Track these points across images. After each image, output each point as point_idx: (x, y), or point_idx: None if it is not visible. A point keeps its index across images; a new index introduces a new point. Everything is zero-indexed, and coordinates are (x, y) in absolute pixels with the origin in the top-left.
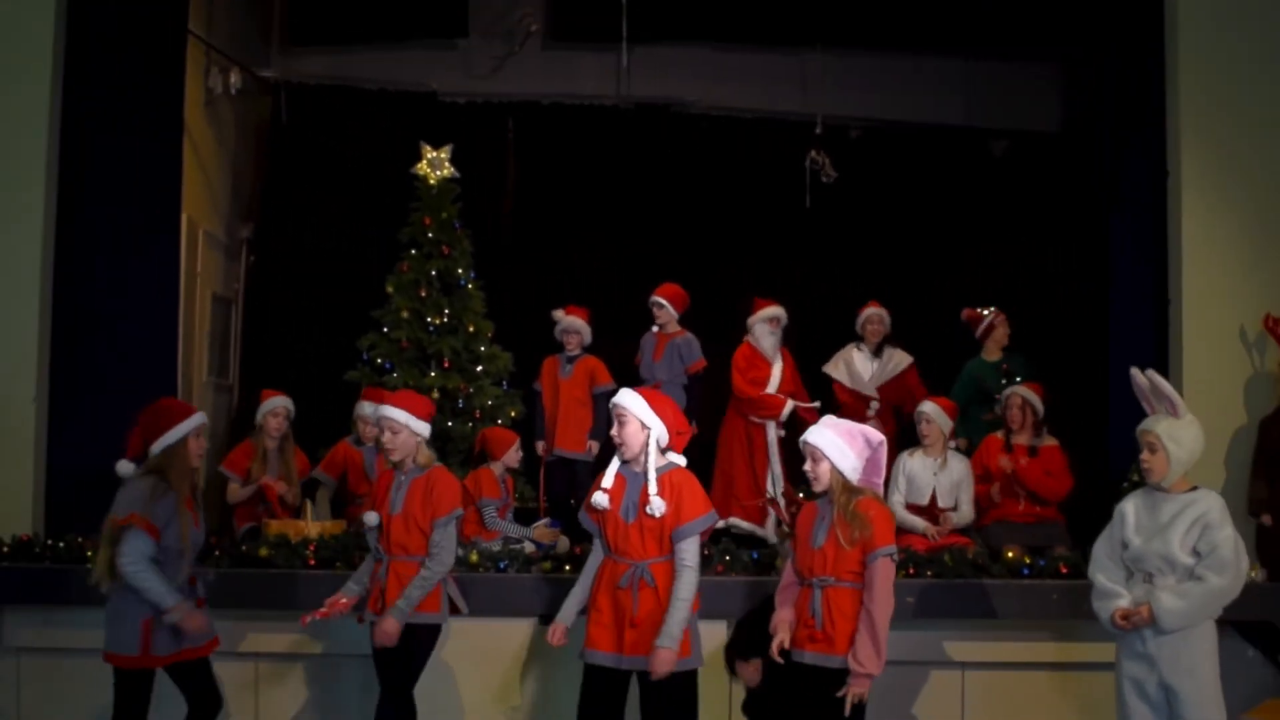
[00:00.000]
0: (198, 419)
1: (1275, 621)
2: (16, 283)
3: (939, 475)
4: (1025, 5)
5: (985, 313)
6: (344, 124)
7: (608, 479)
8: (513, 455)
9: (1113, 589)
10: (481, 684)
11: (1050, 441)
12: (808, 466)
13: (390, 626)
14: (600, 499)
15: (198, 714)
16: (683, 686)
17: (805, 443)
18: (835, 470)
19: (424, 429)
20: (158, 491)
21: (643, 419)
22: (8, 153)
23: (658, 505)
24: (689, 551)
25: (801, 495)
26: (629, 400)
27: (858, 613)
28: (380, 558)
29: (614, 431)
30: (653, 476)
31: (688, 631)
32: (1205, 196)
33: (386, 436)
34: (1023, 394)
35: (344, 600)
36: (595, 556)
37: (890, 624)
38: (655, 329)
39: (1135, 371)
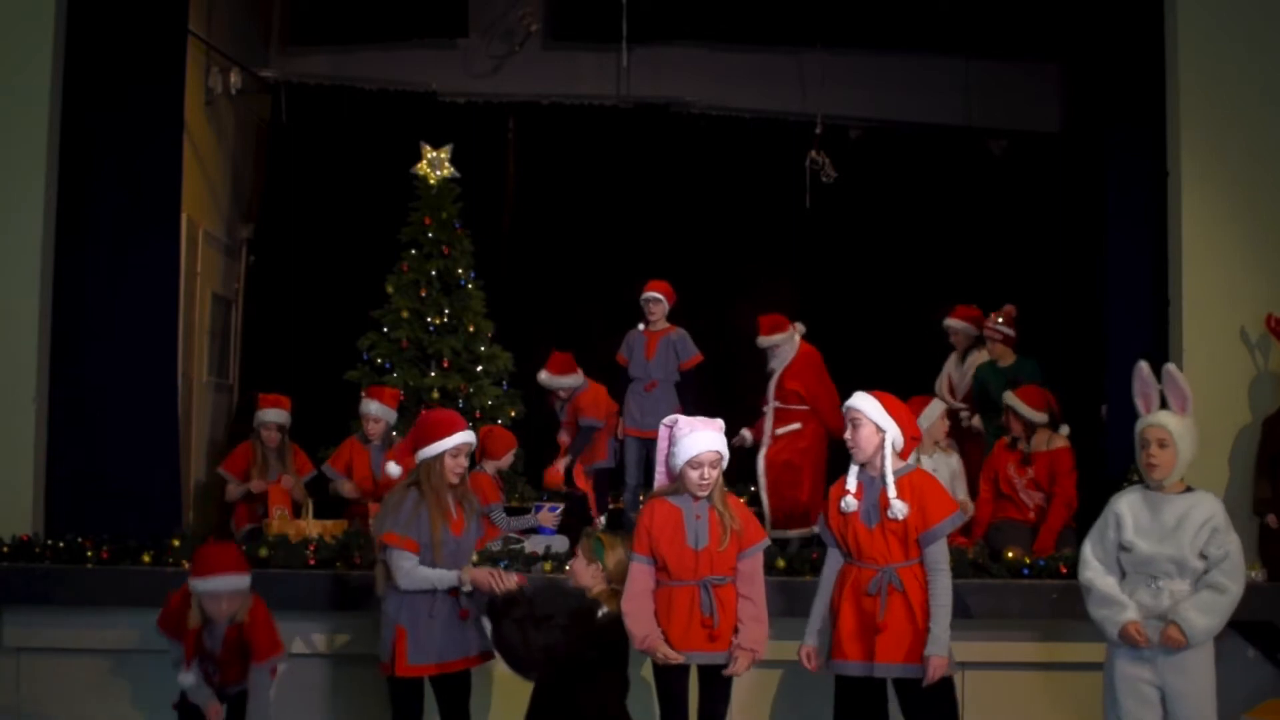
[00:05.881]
0: (458, 439)
1: (1276, 622)
2: (17, 282)
3: None
4: (1024, 6)
5: (991, 318)
6: (344, 124)
7: (850, 483)
8: (508, 459)
9: (1118, 598)
10: (483, 680)
11: (1057, 444)
12: (709, 473)
13: None
14: (850, 502)
15: None
16: (946, 694)
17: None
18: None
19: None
20: (406, 498)
21: (878, 422)
22: (8, 152)
23: (899, 508)
24: (940, 554)
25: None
26: (864, 403)
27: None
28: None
29: (848, 435)
30: (891, 479)
31: None
32: (1205, 197)
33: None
34: (1008, 401)
35: None
36: (830, 570)
37: None
38: (643, 326)
39: (1144, 364)
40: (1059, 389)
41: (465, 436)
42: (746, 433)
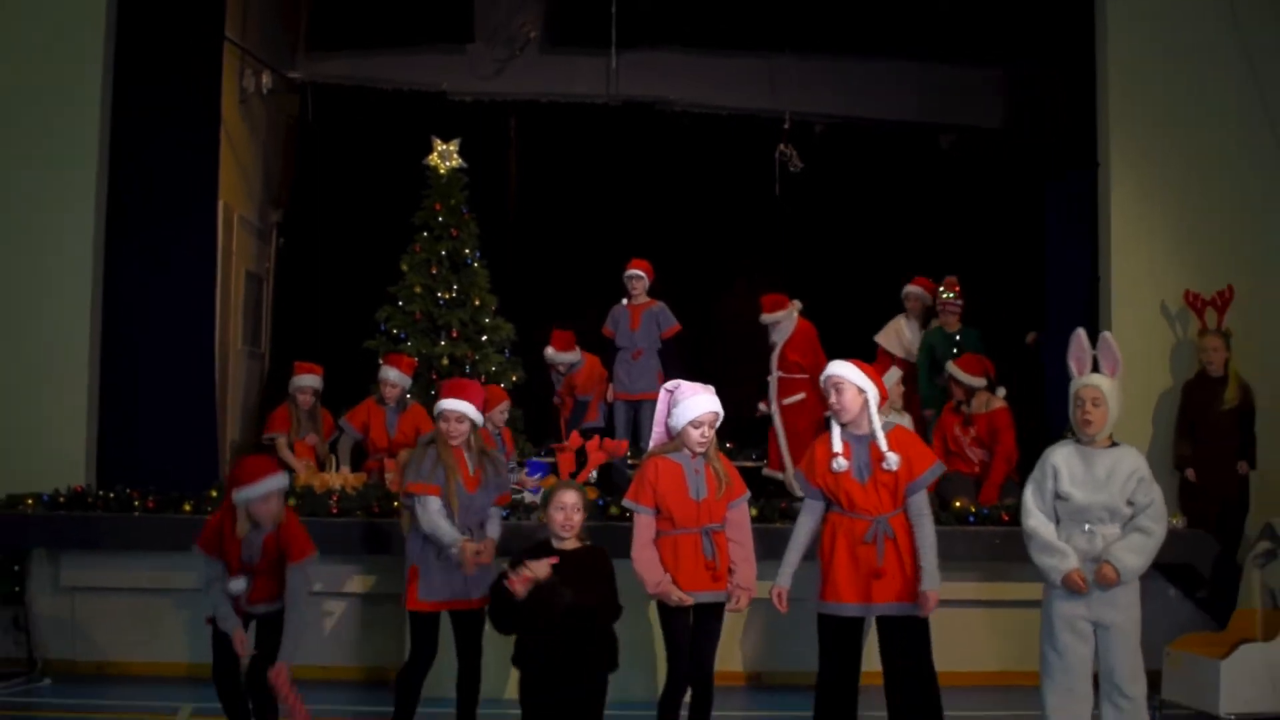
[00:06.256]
0: (441, 405)
1: (1195, 564)
2: (72, 261)
3: None
4: (971, 14)
5: (942, 290)
6: (363, 120)
7: (836, 444)
8: (498, 415)
9: (1060, 546)
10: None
11: (995, 405)
12: (708, 432)
13: None
14: (840, 463)
15: (460, 666)
16: (924, 629)
17: (715, 412)
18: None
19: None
20: (425, 455)
21: (859, 384)
22: (66, 146)
23: (893, 460)
24: (924, 501)
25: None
26: (843, 369)
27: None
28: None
29: (832, 400)
30: (881, 435)
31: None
32: (1131, 186)
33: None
34: (949, 371)
35: None
36: (808, 521)
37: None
38: (626, 301)
39: (1082, 331)
40: (1000, 356)
41: (448, 404)
42: (763, 405)
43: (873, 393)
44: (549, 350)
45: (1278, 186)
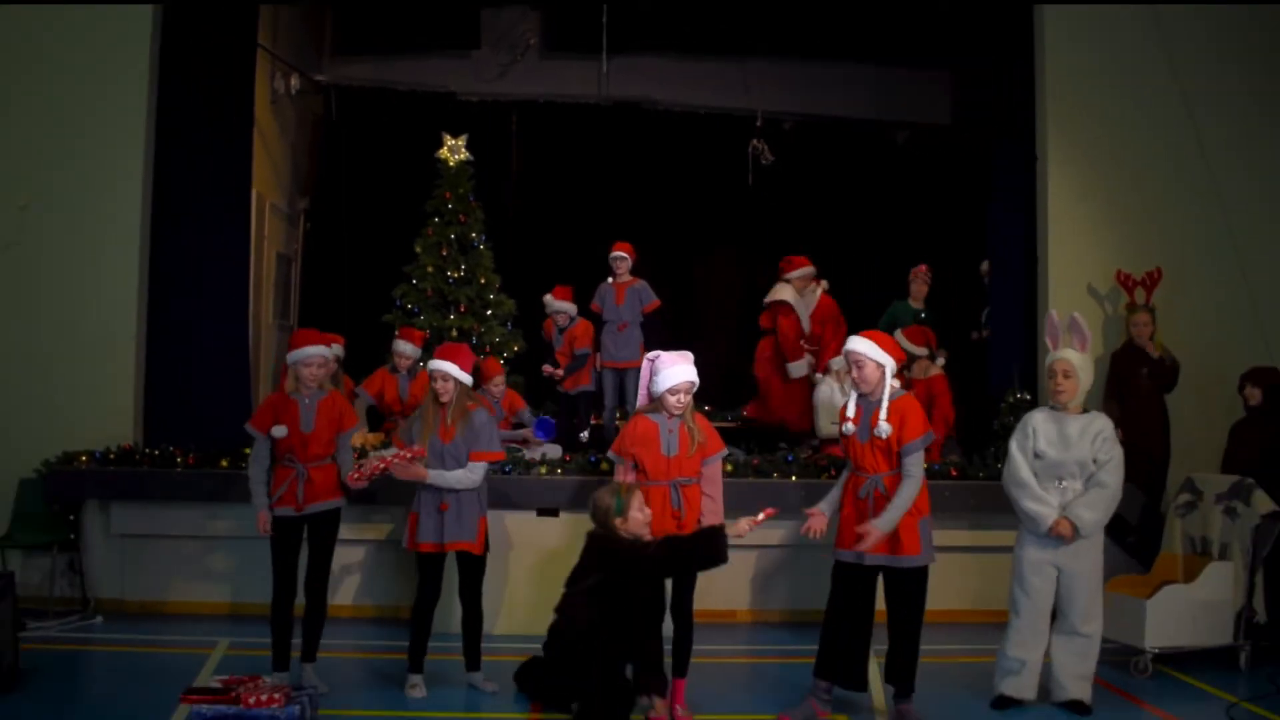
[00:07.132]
0: (430, 364)
1: (1123, 514)
2: (122, 245)
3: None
4: (923, 22)
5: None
6: (381, 118)
7: (850, 409)
8: (494, 387)
9: (1046, 498)
10: (491, 563)
11: (933, 372)
12: (684, 399)
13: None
14: (849, 426)
15: (461, 605)
16: (917, 579)
17: (691, 381)
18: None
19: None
20: (420, 412)
21: (877, 359)
22: (117, 142)
23: (884, 429)
24: (913, 464)
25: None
26: (864, 346)
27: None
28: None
29: (853, 374)
30: (884, 405)
31: (919, 532)
32: (1066, 176)
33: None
34: (895, 338)
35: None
36: (845, 474)
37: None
38: (611, 280)
39: (1055, 312)
40: (950, 332)
41: (433, 364)
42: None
43: (890, 365)
44: (549, 298)
45: (1199, 178)
